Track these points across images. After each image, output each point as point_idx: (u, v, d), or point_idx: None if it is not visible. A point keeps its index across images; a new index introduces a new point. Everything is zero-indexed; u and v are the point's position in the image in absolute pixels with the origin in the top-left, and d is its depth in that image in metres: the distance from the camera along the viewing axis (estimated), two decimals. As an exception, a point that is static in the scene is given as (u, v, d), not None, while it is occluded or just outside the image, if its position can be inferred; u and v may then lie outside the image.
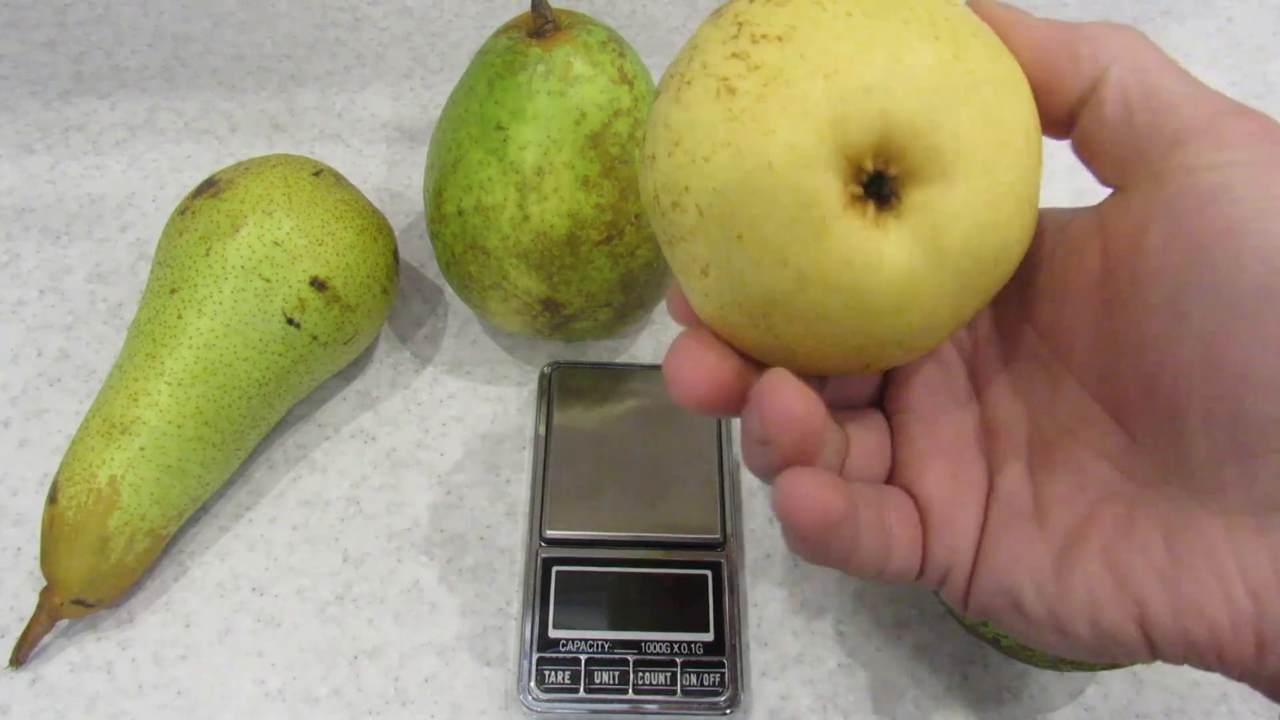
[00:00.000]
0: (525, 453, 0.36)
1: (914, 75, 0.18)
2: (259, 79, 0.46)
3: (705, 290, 0.20)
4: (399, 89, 0.46)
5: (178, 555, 0.34)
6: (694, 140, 0.19)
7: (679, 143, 0.19)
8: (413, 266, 0.40)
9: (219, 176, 0.34)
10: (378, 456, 0.36)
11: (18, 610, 0.32)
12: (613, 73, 0.31)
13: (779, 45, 0.18)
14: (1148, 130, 0.19)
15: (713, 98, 0.19)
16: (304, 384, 0.34)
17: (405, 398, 0.37)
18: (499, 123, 0.31)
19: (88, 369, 0.37)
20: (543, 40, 0.31)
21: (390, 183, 0.43)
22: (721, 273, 0.20)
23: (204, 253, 0.32)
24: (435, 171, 0.33)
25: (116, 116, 0.44)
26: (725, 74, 0.19)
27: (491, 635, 0.32)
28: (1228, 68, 0.48)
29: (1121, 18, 0.50)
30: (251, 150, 0.44)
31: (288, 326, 0.32)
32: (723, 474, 0.34)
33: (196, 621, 0.32)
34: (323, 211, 0.33)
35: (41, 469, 0.35)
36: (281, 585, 0.33)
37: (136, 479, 0.31)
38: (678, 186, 0.19)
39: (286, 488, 0.35)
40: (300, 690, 0.31)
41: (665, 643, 0.31)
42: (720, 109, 0.19)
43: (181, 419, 0.31)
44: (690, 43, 0.20)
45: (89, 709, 0.31)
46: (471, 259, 0.33)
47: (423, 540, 0.34)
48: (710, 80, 0.19)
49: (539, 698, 0.31)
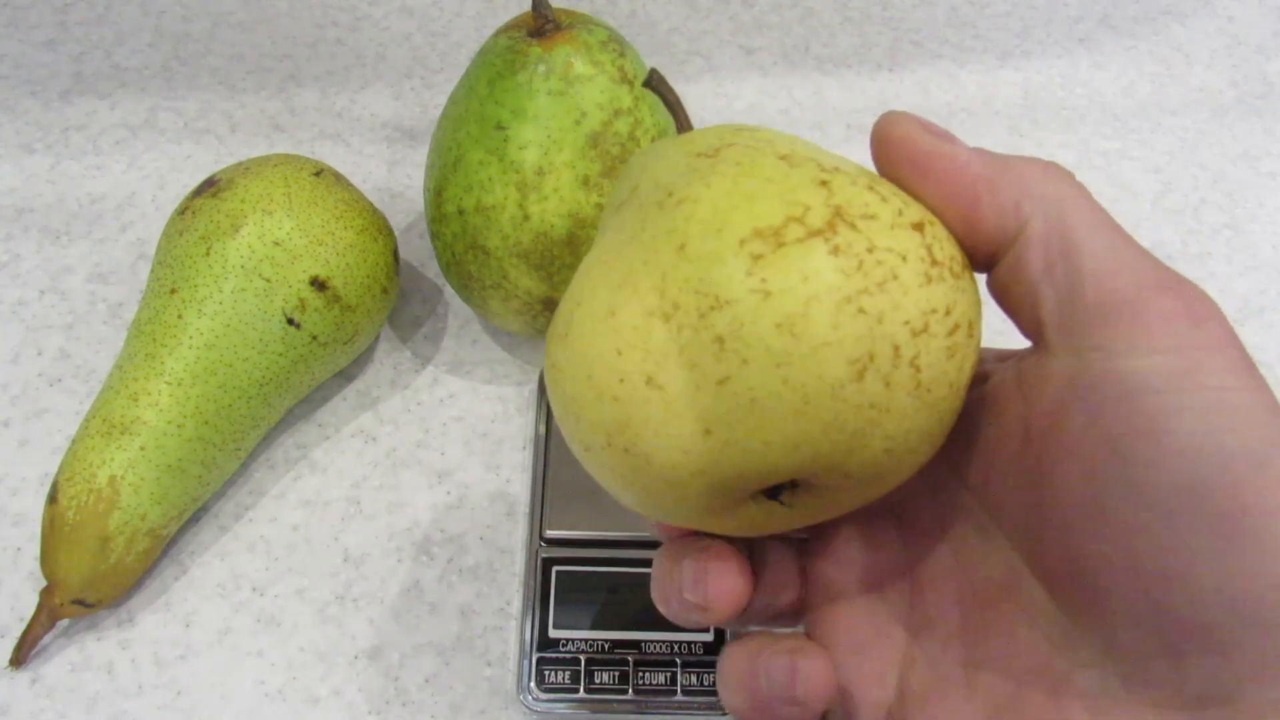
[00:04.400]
0: (525, 453, 0.36)
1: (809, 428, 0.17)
2: (259, 79, 0.46)
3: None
4: (399, 89, 0.46)
5: (178, 555, 0.34)
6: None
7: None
8: (413, 266, 0.40)
9: (219, 176, 0.34)
10: (378, 456, 0.36)
11: (18, 610, 0.32)
12: (613, 72, 0.31)
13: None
14: (1067, 297, 0.18)
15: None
16: (304, 384, 0.34)
17: (405, 398, 0.37)
18: (499, 122, 0.31)
19: (88, 369, 0.37)
20: (543, 40, 0.31)
21: (390, 183, 0.43)
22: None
23: (204, 252, 0.32)
24: (435, 171, 0.33)
25: (116, 116, 0.44)
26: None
27: (491, 635, 0.32)
28: (1228, 68, 0.48)
29: (1122, 17, 0.50)
30: (251, 150, 0.44)
31: (288, 326, 0.32)
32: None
33: (196, 621, 0.32)
34: (323, 211, 0.33)
35: (41, 469, 0.35)
36: (281, 585, 0.33)
37: (136, 479, 0.31)
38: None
39: (286, 488, 0.35)
40: (300, 690, 0.31)
41: (665, 643, 0.31)
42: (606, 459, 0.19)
43: (181, 419, 0.31)
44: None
45: (89, 709, 0.31)
46: (471, 259, 0.33)
47: (423, 540, 0.34)
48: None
49: (539, 698, 0.31)
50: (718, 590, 0.21)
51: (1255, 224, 0.43)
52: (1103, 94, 0.47)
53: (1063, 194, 0.18)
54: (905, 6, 0.50)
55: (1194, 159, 0.45)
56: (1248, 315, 0.40)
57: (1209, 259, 0.42)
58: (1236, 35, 0.50)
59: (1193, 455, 0.16)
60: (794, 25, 0.49)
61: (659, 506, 0.19)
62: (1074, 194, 0.18)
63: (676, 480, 0.18)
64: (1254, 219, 0.43)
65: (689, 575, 0.21)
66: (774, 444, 0.17)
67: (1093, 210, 0.18)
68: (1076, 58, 0.48)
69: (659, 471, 0.18)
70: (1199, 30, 0.50)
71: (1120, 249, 0.18)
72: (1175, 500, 0.16)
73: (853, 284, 0.17)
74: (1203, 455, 0.16)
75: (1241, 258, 0.42)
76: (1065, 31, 0.49)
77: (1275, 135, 0.46)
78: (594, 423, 0.18)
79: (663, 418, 0.18)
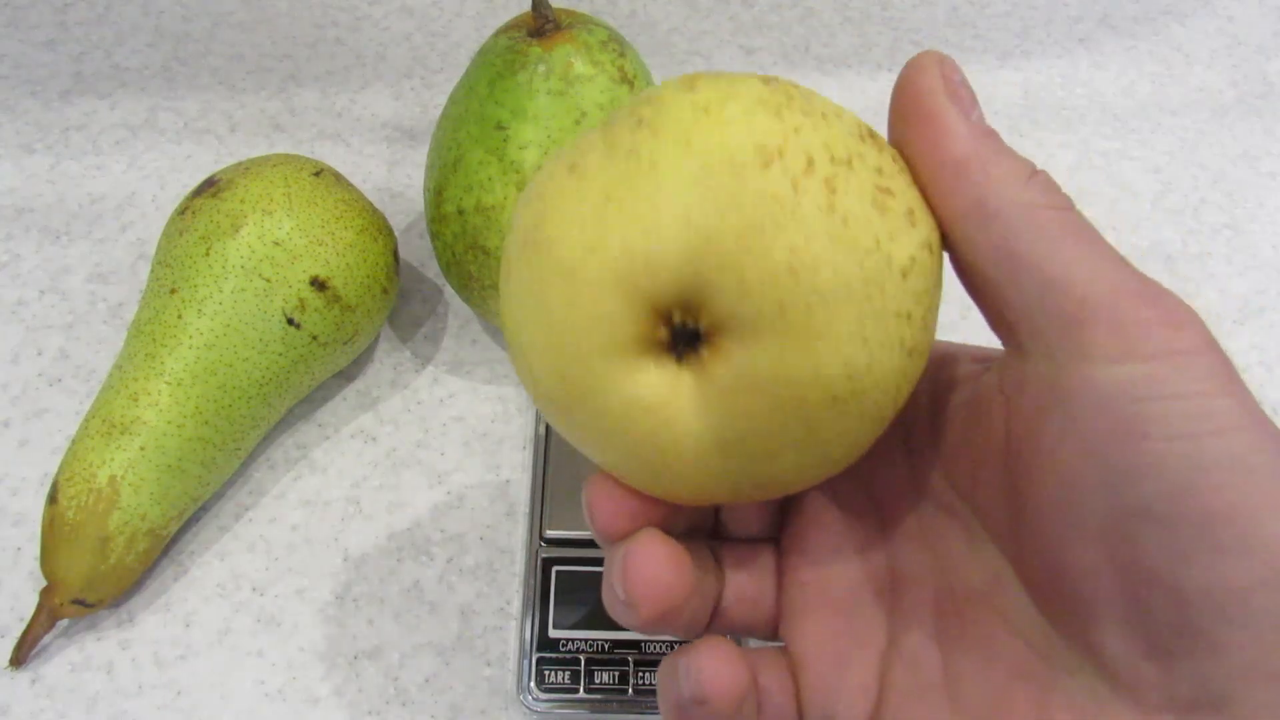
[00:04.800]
0: (525, 453, 0.36)
1: (719, 222, 0.17)
2: (259, 79, 0.46)
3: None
4: (399, 89, 0.46)
5: (178, 555, 0.34)
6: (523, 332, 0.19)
7: (513, 332, 0.20)
8: (413, 266, 0.40)
9: (219, 176, 0.34)
10: (378, 456, 0.36)
11: (18, 610, 0.32)
12: (613, 72, 0.31)
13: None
14: (1037, 301, 0.17)
15: (526, 295, 0.19)
16: (304, 384, 0.34)
17: (405, 398, 0.37)
18: (499, 122, 0.31)
19: (88, 369, 0.37)
20: (543, 40, 0.31)
21: (390, 183, 0.43)
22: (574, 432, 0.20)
23: (204, 252, 0.32)
24: (435, 171, 0.33)
25: (116, 116, 0.44)
26: (513, 260, 0.19)
27: (491, 635, 0.32)
28: (1228, 68, 0.48)
29: (1122, 17, 0.50)
30: (251, 150, 0.44)
31: (288, 326, 0.32)
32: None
33: (196, 621, 0.32)
34: (323, 211, 0.33)
35: (41, 469, 0.35)
36: (281, 585, 0.33)
37: (136, 479, 0.31)
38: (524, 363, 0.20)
39: (286, 488, 0.35)
40: (300, 690, 0.31)
41: (665, 643, 0.31)
42: (529, 301, 0.19)
43: (181, 419, 0.31)
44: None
45: (89, 709, 0.31)
46: (471, 259, 0.33)
47: (423, 540, 0.34)
48: (518, 277, 0.19)
49: (539, 698, 0.31)
50: (639, 579, 0.20)
51: (1255, 224, 0.43)
52: (1103, 94, 0.47)
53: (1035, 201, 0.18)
54: (905, 6, 0.50)
55: (1194, 159, 0.45)
56: (1248, 315, 0.40)
57: (1209, 259, 0.42)
58: (1236, 35, 0.50)
59: (1174, 461, 0.16)
60: (794, 25, 0.49)
61: (556, 330, 0.18)
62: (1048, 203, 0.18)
63: (572, 265, 0.18)
64: (1254, 219, 0.43)
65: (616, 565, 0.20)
66: (668, 216, 0.17)
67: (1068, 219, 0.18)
68: (1076, 58, 0.48)
69: (558, 258, 0.18)
70: (1199, 30, 0.50)
71: (1097, 257, 0.17)
72: (1157, 505, 0.16)
73: (775, 99, 0.18)
74: (1183, 459, 0.16)
75: (1241, 258, 0.42)
76: (1065, 31, 0.49)
77: (1275, 135, 0.46)
78: (519, 225, 0.19)
79: (572, 196, 0.18)
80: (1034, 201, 0.18)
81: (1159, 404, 0.16)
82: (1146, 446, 0.16)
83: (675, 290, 0.17)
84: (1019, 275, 0.17)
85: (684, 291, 0.17)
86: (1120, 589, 0.17)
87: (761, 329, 0.17)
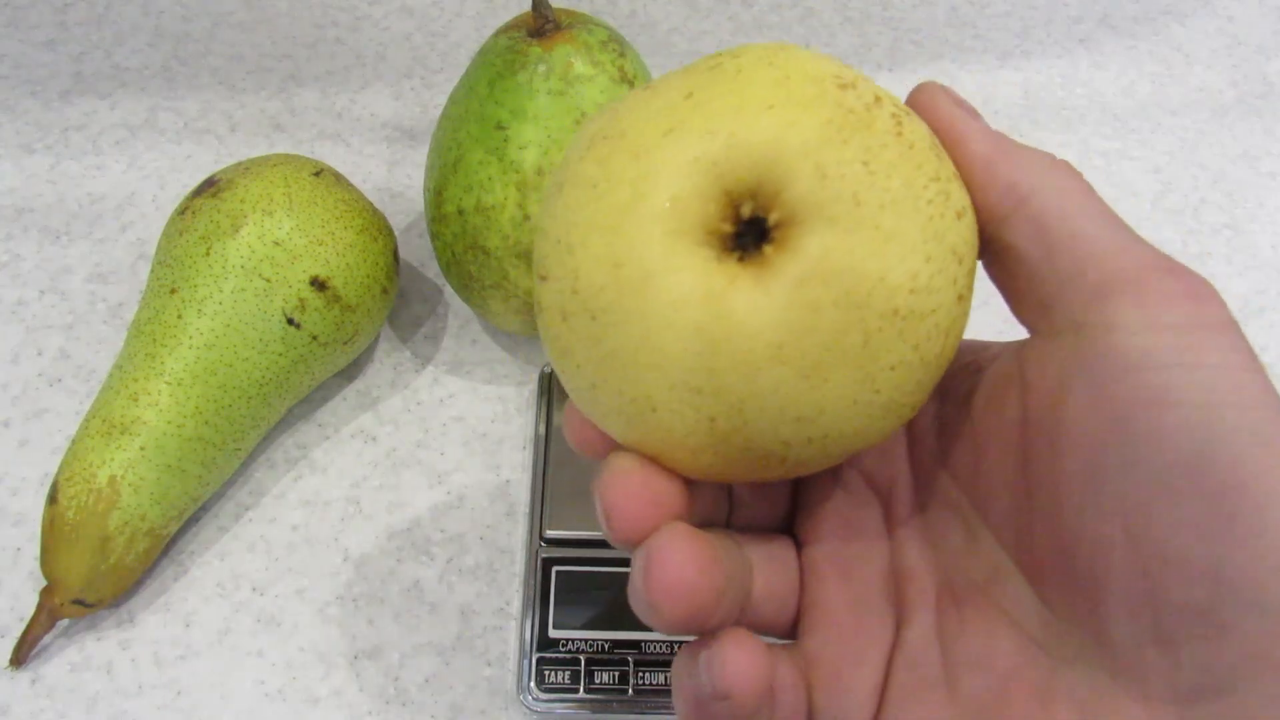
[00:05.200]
0: (525, 453, 0.36)
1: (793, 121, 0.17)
2: (259, 79, 0.46)
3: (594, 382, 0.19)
4: (399, 89, 0.46)
5: (178, 555, 0.34)
6: (575, 232, 0.18)
7: (561, 239, 0.19)
8: (413, 266, 0.40)
9: (219, 176, 0.34)
10: (378, 456, 0.36)
11: (18, 610, 0.32)
12: (613, 72, 0.31)
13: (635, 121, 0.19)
14: (1069, 276, 0.18)
15: (586, 188, 0.18)
16: (304, 384, 0.34)
17: (405, 398, 0.37)
18: (499, 122, 0.31)
19: (88, 369, 0.37)
20: (543, 40, 0.31)
21: (390, 183, 0.43)
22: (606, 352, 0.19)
23: (204, 252, 0.32)
24: (435, 171, 0.33)
25: (116, 116, 0.44)
26: (588, 171, 0.19)
27: (491, 635, 0.32)
28: (1228, 68, 0.48)
29: (1122, 17, 0.50)
30: (251, 150, 0.44)
31: (288, 326, 0.32)
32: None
33: (196, 621, 0.32)
34: (323, 211, 0.33)
35: (41, 469, 0.35)
36: (281, 585, 0.33)
37: (136, 479, 0.31)
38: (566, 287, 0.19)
39: (286, 488, 0.35)
40: (300, 690, 0.31)
41: (665, 643, 0.31)
42: (588, 194, 0.18)
43: (181, 419, 0.31)
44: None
45: (89, 709, 0.31)
46: (471, 259, 0.33)
47: (423, 540, 0.34)
48: (577, 178, 0.19)
49: (539, 698, 0.31)
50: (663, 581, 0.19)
51: (1255, 224, 0.43)
52: (1103, 94, 0.47)
53: (1064, 183, 0.19)
54: (905, 6, 0.50)
55: (1194, 159, 0.45)
56: (1248, 315, 0.40)
57: (1209, 259, 0.42)
58: (1236, 35, 0.50)
59: (1194, 429, 0.16)
60: (794, 25, 0.49)
61: (620, 212, 0.18)
62: (1074, 181, 0.19)
63: (647, 146, 0.18)
64: (1254, 219, 0.43)
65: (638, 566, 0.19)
66: (751, 104, 0.17)
67: (1093, 199, 0.19)
68: (1076, 58, 0.48)
69: (631, 143, 0.18)
70: (1199, 30, 0.50)
71: (1121, 235, 0.18)
72: (1175, 476, 0.16)
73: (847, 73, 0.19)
74: (1205, 428, 0.16)
75: (1241, 258, 0.42)
76: (1065, 31, 0.49)
77: (1275, 135, 0.46)
78: (581, 138, 0.19)
79: (647, 100, 0.18)
80: (1063, 184, 0.19)
81: (1181, 372, 0.16)
82: (1168, 414, 0.16)
83: (753, 174, 0.17)
84: (1052, 252, 0.18)
85: (761, 176, 0.17)
86: (1132, 566, 0.17)
87: (836, 218, 0.17)
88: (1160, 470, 0.16)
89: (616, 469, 0.19)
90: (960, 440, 0.21)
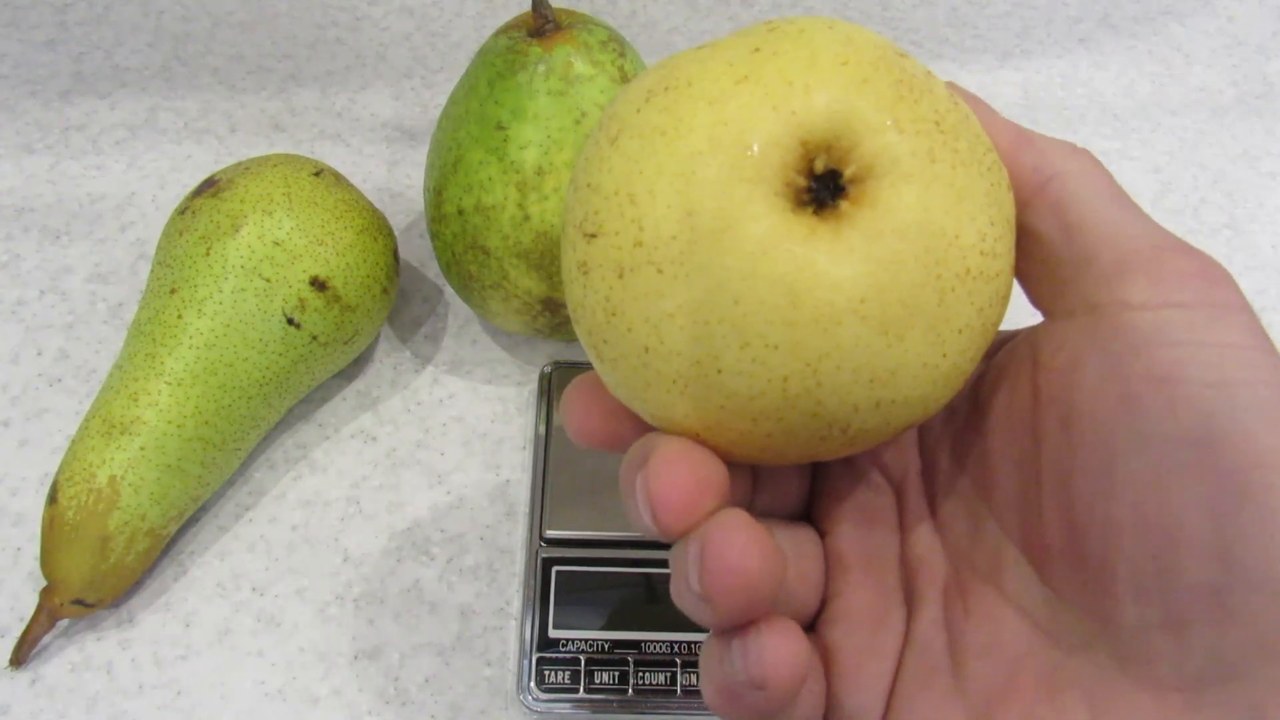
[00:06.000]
0: (525, 453, 0.36)
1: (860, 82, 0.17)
2: (259, 79, 0.46)
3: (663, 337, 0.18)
4: (399, 89, 0.46)
5: (178, 555, 0.34)
6: (638, 180, 0.18)
7: (620, 190, 0.18)
8: (413, 266, 0.40)
9: (219, 176, 0.34)
10: (378, 456, 0.36)
11: (18, 610, 0.32)
12: (613, 72, 0.31)
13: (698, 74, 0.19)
14: (1085, 257, 0.18)
15: (652, 136, 0.18)
16: (304, 384, 0.34)
17: (405, 398, 0.37)
18: (499, 122, 0.31)
19: (88, 369, 0.37)
20: (543, 40, 0.31)
21: (390, 183, 0.43)
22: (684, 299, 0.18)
23: (204, 252, 0.32)
24: (435, 171, 0.33)
25: (116, 116, 0.44)
26: (654, 121, 0.18)
27: (491, 635, 0.32)
28: (1228, 68, 0.48)
29: (1122, 17, 0.50)
30: (251, 150, 0.44)
31: (288, 326, 0.32)
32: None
33: (196, 621, 0.32)
34: (323, 211, 0.33)
35: (41, 469, 0.35)
36: (281, 585, 0.33)
37: (136, 479, 0.31)
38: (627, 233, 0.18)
39: (286, 488, 0.35)
40: (300, 690, 0.31)
41: (665, 643, 0.31)
42: (656, 142, 0.18)
43: (181, 419, 0.31)
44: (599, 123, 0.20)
45: (89, 709, 0.31)
46: (471, 259, 0.33)
47: (423, 540, 0.34)
48: (639, 127, 0.18)
49: (539, 698, 0.31)
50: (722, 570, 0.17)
51: (1255, 224, 0.43)
52: (1103, 94, 0.47)
53: (1085, 169, 0.19)
54: (905, 6, 0.50)
55: (1194, 159, 0.45)
56: (1248, 315, 0.40)
57: (1209, 259, 0.42)
58: (1236, 35, 0.50)
59: (1206, 405, 0.16)
60: (794, 25, 0.49)
61: (695, 160, 0.17)
62: (1093, 167, 0.19)
63: (721, 95, 0.17)
64: (1254, 219, 0.43)
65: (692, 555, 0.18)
66: (825, 60, 0.17)
67: (1113, 186, 0.19)
68: (1076, 58, 0.48)
69: (702, 91, 0.18)
70: (1199, 30, 0.50)
71: (1138, 216, 0.18)
72: (1185, 453, 0.16)
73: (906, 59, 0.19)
74: (1216, 405, 0.16)
75: (1241, 258, 0.42)
76: (1065, 31, 0.49)
77: (1275, 135, 0.46)
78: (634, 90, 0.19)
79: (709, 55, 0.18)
80: (1084, 170, 0.19)
81: (1193, 349, 0.16)
82: (1181, 390, 0.16)
83: (830, 126, 0.17)
84: (1071, 234, 0.18)
85: (839, 129, 0.17)
86: (1142, 546, 0.17)
87: (913, 173, 0.17)
88: (1171, 448, 0.16)
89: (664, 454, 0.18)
90: (968, 427, 0.21)
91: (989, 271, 0.18)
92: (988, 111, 0.20)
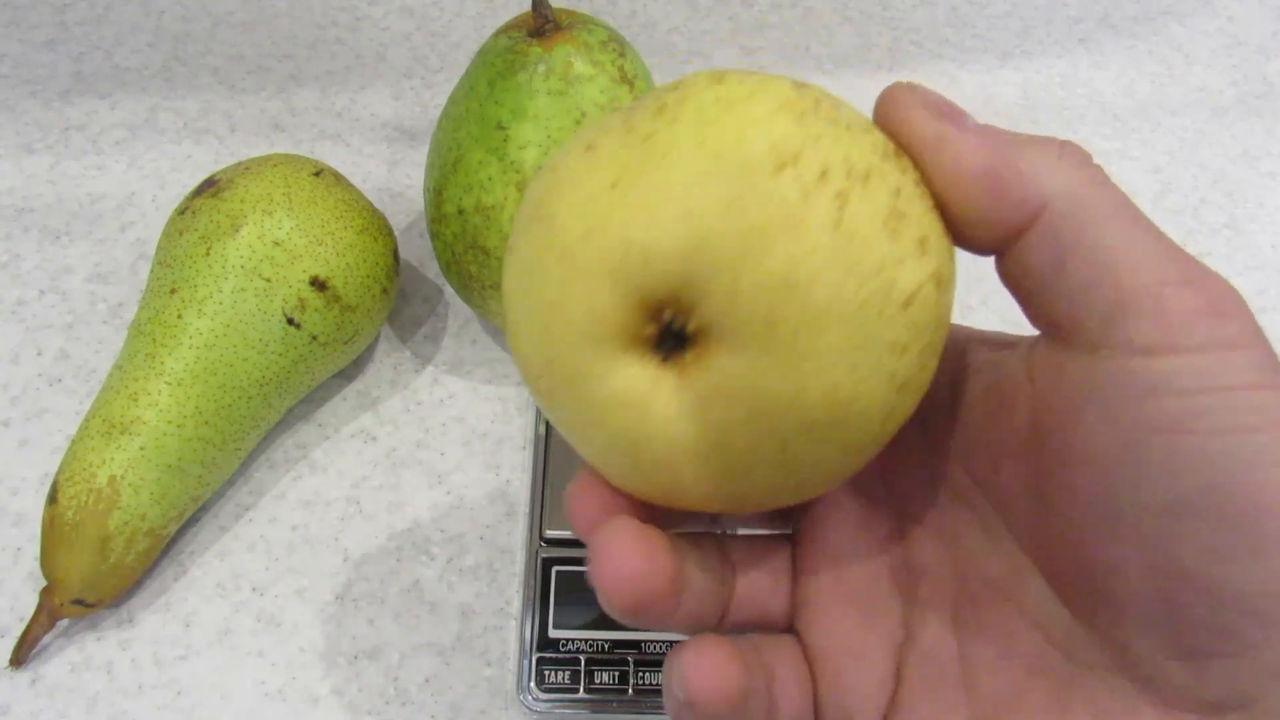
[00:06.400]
0: (525, 453, 0.36)
1: (718, 223, 0.16)
2: (259, 79, 0.46)
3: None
4: (399, 89, 0.46)
5: (178, 555, 0.34)
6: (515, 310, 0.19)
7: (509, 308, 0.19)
8: (413, 266, 0.40)
9: (219, 176, 0.34)
10: (378, 456, 0.36)
11: (18, 610, 0.32)
12: (613, 72, 0.31)
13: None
14: (1083, 290, 0.17)
15: (524, 271, 0.18)
16: (304, 384, 0.34)
17: (405, 398, 0.37)
18: (499, 122, 0.31)
19: (88, 369, 0.37)
20: (543, 40, 0.31)
21: (390, 183, 0.43)
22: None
23: (204, 252, 0.32)
24: (435, 171, 0.33)
25: (116, 116, 0.44)
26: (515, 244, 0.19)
27: (491, 635, 0.32)
28: (1228, 68, 0.48)
29: (1122, 17, 0.50)
30: (251, 150, 0.44)
31: (288, 326, 0.32)
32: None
33: (196, 621, 0.32)
34: (323, 211, 0.33)
35: (41, 469, 0.35)
36: (281, 585, 0.33)
37: (136, 479, 0.31)
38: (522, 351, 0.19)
39: (286, 488, 0.35)
40: (300, 690, 0.31)
41: (665, 643, 0.31)
42: (524, 279, 0.18)
43: (181, 419, 0.31)
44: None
45: (89, 709, 0.31)
46: (471, 259, 0.33)
47: (423, 540, 0.34)
48: (517, 251, 0.19)
49: (539, 698, 0.31)
50: (609, 567, 0.19)
51: (1255, 224, 0.43)
52: (1103, 94, 0.47)
53: (1076, 181, 0.17)
54: (905, 6, 0.50)
55: (1194, 159, 0.45)
56: (1248, 315, 0.40)
57: (1209, 259, 0.42)
58: (1236, 35, 0.50)
59: (1214, 456, 0.15)
60: (794, 25, 0.49)
61: (546, 313, 0.18)
62: (1088, 180, 0.17)
63: (570, 246, 0.17)
64: (1254, 219, 0.43)
65: (589, 554, 0.19)
66: (671, 210, 0.16)
67: (1109, 197, 0.17)
68: (1076, 58, 0.48)
69: (557, 237, 0.18)
70: (1199, 30, 0.50)
71: (1139, 239, 0.17)
72: (1195, 501, 0.16)
73: (801, 104, 0.17)
74: (1225, 456, 0.15)
75: (1241, 258, 0.42)
76: (1065, 31, 0.49)
77: (1275, 135, 0.46)
78: (529, 197, 0.19)
79: (582, 175, 0.18)
80: (1073, 183, 0.17)
81: (1202, 397, 0.16)
82: (1188, 441, 0.16)
83: (668, 286, 0.17)
84: (1067, 267, 0.17)
85: (676, 289, 0.17)
86: (1151, 587, 0.16)
87: (748, 340, 0.17)
88: (1180, 497, 0.16)
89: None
90: (978, 439, 0.20)
91: (844, 416, 0.17)
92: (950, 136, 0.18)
